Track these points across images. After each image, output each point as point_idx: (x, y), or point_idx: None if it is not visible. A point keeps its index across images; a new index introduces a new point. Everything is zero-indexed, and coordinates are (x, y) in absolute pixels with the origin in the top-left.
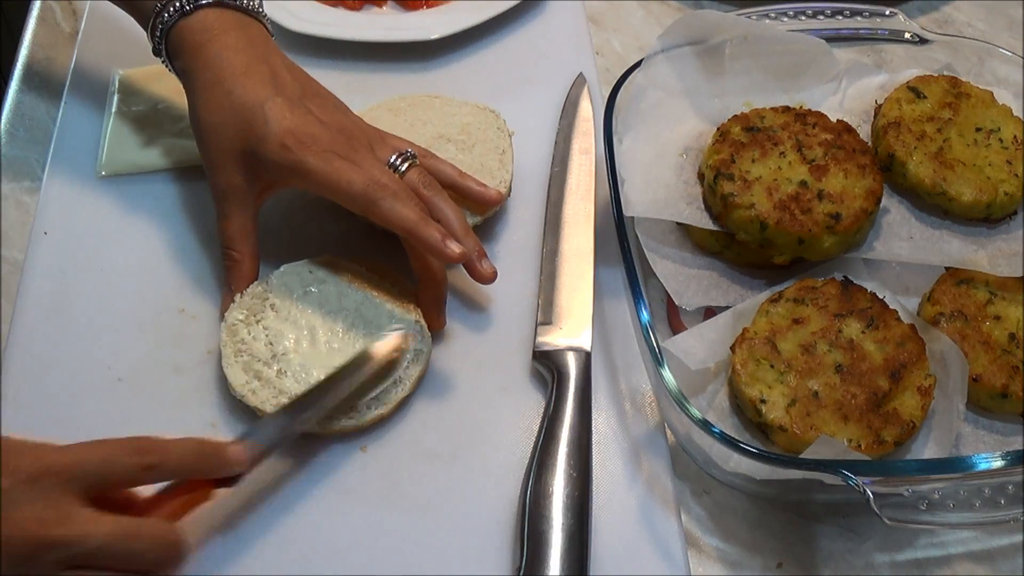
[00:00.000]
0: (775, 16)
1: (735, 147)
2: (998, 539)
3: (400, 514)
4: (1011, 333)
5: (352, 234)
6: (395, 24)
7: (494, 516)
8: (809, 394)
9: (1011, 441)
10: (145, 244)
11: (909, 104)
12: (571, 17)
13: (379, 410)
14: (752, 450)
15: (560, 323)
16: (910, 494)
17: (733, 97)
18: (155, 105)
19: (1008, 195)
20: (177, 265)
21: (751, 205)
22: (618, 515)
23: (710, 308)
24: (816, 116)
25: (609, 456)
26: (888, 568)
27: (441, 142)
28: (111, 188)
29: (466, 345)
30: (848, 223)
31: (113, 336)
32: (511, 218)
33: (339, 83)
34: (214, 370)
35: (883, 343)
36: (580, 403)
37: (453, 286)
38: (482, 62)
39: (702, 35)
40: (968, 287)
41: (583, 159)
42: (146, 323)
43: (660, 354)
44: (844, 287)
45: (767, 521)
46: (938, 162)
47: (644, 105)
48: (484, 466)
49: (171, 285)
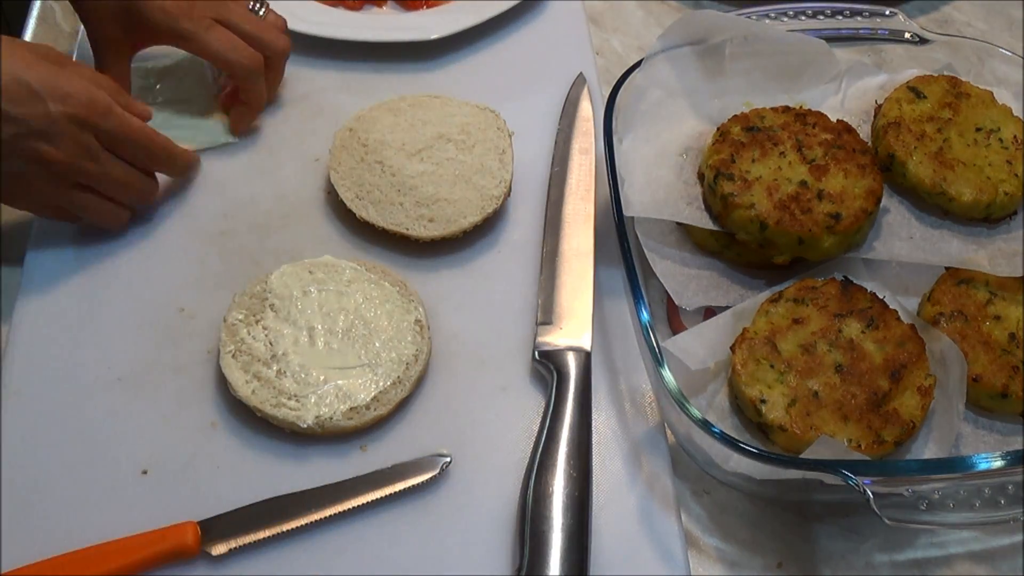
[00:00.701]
0: (775, 16)
1: (735, 147)
2: (998, 539)
3: (400, 514)
4: (1011, 333)
5: (352, 234)
6: (395, 24)
7: (494, 516)
8: (809, 394)
9: (1011, 441)
10: (145, 244)
11: (909, 104)
12: (571, 17)
13: (379, 410)
14: (752, 450)
15: (560, 323)
16: (910, 494)
17: (733, 97)
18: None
19: (1008, 195)
20: (177, 265)
21: (751, 205)
22: (618, 515)
23: (710, 308)
24: (816, 116)
25: (609, 456)
26: (888, 568)
27: (441, 142)
28: None
29: (466, 345)
30: (848, 223)
31: (113, 336)
32: (511, 218)
33: (339, 83)
34: (214, 370)
35: (883, 343)
36: (580, 403)
37: (453, 286)
38: (482, 62)
39: (702, 35)
40: (968, 287)
41: (583, 159)
42: (146, 323)
43: (660, 354)
44: (844, 287)
45: (767, 521)
46: (938, 162)
47: (644, 105)
48: (484, 466)
49: (171, 285)
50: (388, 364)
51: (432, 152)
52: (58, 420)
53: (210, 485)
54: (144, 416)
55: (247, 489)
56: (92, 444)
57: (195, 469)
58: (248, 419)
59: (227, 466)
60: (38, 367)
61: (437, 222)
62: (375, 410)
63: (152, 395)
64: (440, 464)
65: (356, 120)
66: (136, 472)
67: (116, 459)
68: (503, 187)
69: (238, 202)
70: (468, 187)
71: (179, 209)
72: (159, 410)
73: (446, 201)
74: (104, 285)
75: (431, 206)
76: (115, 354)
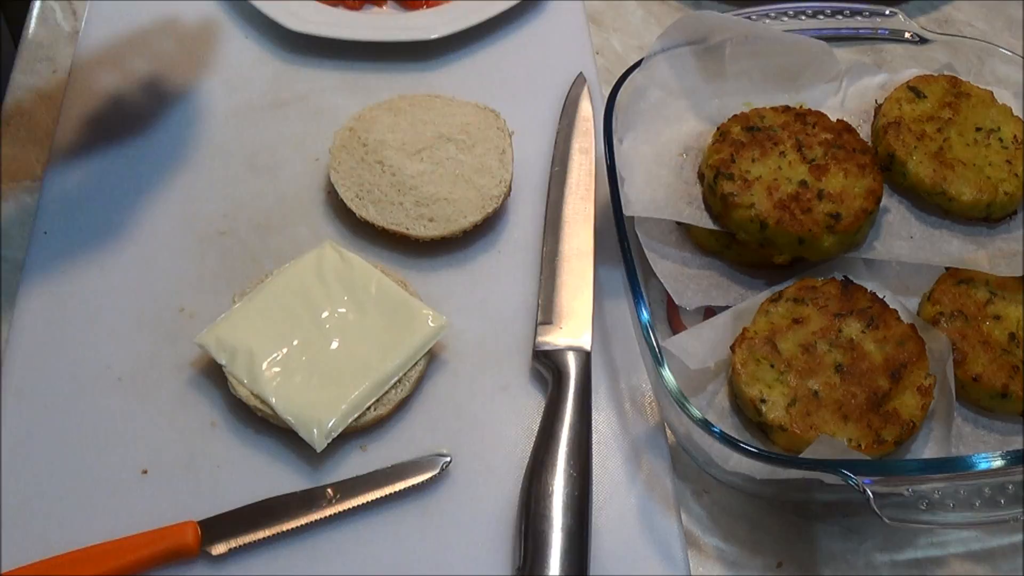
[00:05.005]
0: (775, 16)
1: (735, 147)
2: (998, 539)
3: (400, 514)
4: (1011, 333)
5: (352, 234)
6: (395, 24)
7: (494, 516)
8: (809, 394)
9: (1011, 441)
10: (145, 244)
11: (909, 104)
12: (571, 17)
13: (379, 410)
14: (752, 450)
15: (560, 323)
16: (910, 494)
17: (733, 97)
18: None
19: (1008, 195)
20: (177, 265)
21: (751, 205)
22: (618, 515)
23: (710, 308)
24: (816, 116)
25: (609, 456)
26: (888, 568)
27: (441, 142)
28: (110, 186)
29: (466, 345)
30: (848, 223)
31: (113, 336)
32: (511, 218)
33: (339, 83)
34: (214, 370)
35: (883, 343)
36: (580, 403)
37: (453, 286)
38: (482, 62)
39: (702, 35)
40: (968, 287)
41: (583, 159)
42: (146, 323)
43: (660, 354)
44: (844, 287)
45: (767, 521)
46: (938, 162)
47: (644, 105)
48: (484, 466)
49: (171, 285)
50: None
51: (432, 152)
52: (58, 420)
53: (210, 485)
54: (144, 416)
55: (247, 489)
56: (92, 444)
57: (195, 469)
58: (248, 419)
59: (227, 466)
60: (38, 367)
61: (437, 222)
62: (375, 410)
63: (152, 395)
64: (440, 464)
65: (356, 120)
66: (136, 472)
67: (116, 459)
68: (503, 187)
69: (238, 202)
70: (468, 187)
71: (179, 209)
72: (159, 410)
73: (446, 201)
74: (104, 285)
75: (431, 206)
76: (115, 354)
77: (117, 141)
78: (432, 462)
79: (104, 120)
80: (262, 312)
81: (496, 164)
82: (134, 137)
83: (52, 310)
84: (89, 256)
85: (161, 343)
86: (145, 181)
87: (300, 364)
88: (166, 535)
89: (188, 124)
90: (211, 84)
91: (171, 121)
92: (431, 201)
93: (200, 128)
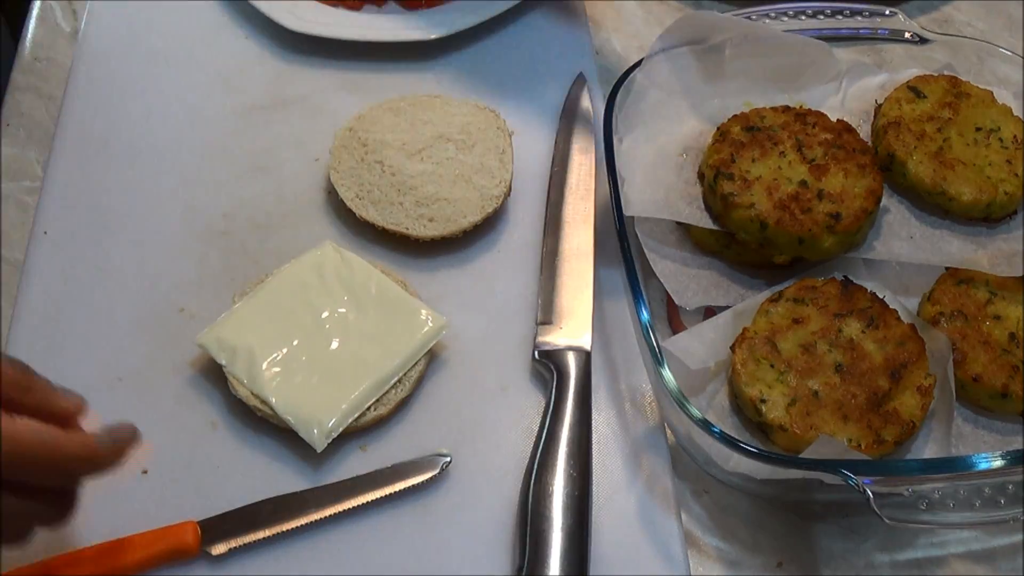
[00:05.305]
0: (775, 16)
1: (735, 147)
2: (998, 539)
3: (400, 514)
4: (1011, 333)
5: (352, 234)
6: (395, 24)
7: (494, 516)
8: (809, 394)
9: (1011, 441)
10: (145, 244)
11: (909, 104)
12: (571, 17)
13: (379, 410)
14: (752, 450)
15: (560, 323)
16: (910, 494)
17: (733, 97)
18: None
19: (1008, 195)
20: (177, 265)
21: (751, 205)
22: (618, 515)
23: (710, 308)
24: (816, 116)
25: (609, 456)
26: (888, 568)
27: (441, 142)
28: (110, 187)
29: (466, 345)
30: (848, 223)
31: (113, 336)
32: (511, 218)
33: (339, 83)
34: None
35: (883, 343)
36: (580, 403)
37: (453, 286)
38: (482, 62)
39: (702, 35)
40: (968, 287)
41: (583, 159)
42: (146, 323)
43: (660, 354)
44: (844, 287)
45: (767, 521)
46: (938, 162)
47: (644, 105)
48: (484, 466)
49: (171, 285)
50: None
51: (432, 152)
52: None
53: (210, 485)
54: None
55: (247, 489)
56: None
57: (195, 469)
58: (248, 419)
59: (227, 466)
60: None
61: (437, 222)
62: (375, 410)
63: (152, 395)
64: (440, 464)
65: (356, 120)
66: (136, 472)
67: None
68: (503, 187)
69: (238, 202)
70: (468, 187)
71: (179, 209)
72: (159, 410)
73: (446, 201)
74: (104, 285)
75: (431, 206)
76: (115, 354)
77: (117, 142)
78: (432, 462)
79: (104, 120)
80: (262, 312)
81: (496, 164)
82: (134, 138)
83: (52, 310)
84: (89, 256)
85: (161, 343)
86: (145, 181)
87: (300, 364)
88: (166, 535)
89: (188, 124)
90: (211, 84)
91: (171, 121)
92: (431, 201)
93: (200, 128)
